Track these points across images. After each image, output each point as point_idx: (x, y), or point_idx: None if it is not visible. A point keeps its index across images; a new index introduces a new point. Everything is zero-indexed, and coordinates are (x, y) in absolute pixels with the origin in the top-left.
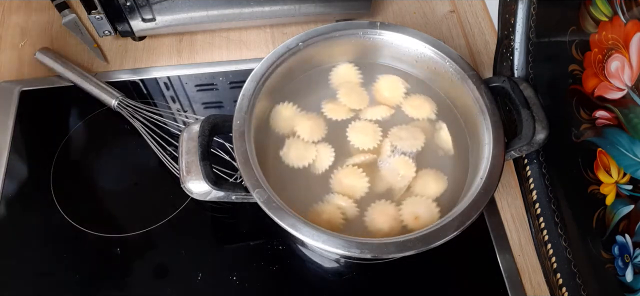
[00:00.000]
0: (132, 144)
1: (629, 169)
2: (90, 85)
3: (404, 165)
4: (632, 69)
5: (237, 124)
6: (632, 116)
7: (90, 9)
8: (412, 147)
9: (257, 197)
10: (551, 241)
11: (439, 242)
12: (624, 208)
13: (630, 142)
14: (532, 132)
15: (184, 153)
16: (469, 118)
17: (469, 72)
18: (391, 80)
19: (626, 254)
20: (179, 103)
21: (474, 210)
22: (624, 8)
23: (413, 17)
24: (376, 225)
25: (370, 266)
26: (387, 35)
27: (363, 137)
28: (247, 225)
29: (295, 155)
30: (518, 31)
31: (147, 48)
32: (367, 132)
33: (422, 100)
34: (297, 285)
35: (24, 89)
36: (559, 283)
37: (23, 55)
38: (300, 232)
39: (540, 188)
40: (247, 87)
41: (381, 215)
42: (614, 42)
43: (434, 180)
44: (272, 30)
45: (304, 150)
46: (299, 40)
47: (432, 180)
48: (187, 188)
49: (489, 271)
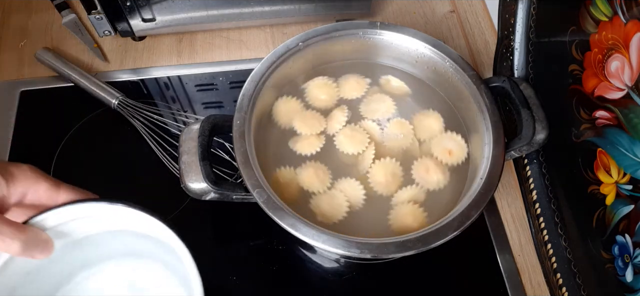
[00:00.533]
0: (132, 144)
1: (629, 169)
2: (90, 85)
3: (399, 126)
4: (632, 68)
5: (237, 124)
6: (632, 116)
7: (90, 9)
8: (387, 112)
9: (257, 197)
10: (551, 241)
11: (439, 242)
12: (624, 208)
13: (630, 142)
14: (532, 132)
15: (184, 153)
16: (469, 118)
17: (469, 72)
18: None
19: (626, 254)
20: (179, 103)
21: (474, 210)
22: (624, 8)
23: (413, 17)
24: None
25: (370, 266)
26: (387, 35)
27: (350, 142)
28: (247, 225)
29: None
30: (518, 31)
31: (147, 48)
32: (355, 137)
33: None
34: (297, 285)
35: (24, 89)
36: (559, 283)
37: (23, 55)
38: (300, 232)
39: (540, 188)
40: (247, 87)
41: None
42: (614, 42)
43: (435, 119)
44: (272, 30)
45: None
46: (299, 40)
47: (433, 120)
48: (187, 188)
49: (489, 271)
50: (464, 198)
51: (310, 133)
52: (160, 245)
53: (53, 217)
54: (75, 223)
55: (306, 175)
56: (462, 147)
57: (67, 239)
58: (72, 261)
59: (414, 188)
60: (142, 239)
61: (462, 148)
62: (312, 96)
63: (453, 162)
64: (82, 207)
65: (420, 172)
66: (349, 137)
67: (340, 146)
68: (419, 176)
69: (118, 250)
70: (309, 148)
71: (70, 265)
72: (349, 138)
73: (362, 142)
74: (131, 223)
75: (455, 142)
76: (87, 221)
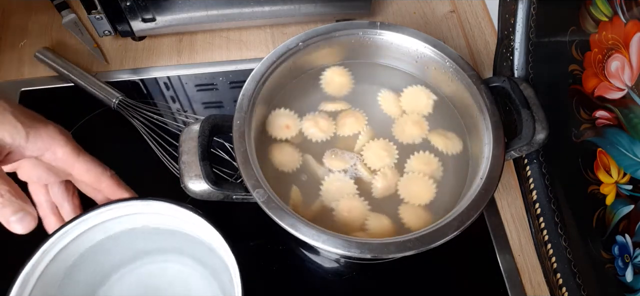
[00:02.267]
0: (132, 144)
1: (629, 169)
2: (90, 85)
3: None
4: (632, 68)
5: (237, 124)
6: (632, 116)
7: (90, 9)
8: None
9: (257, 197)
10: (551, 241)
11: (439, 242)
12: (624, 208)
13: (630, 142)
14: (532, 132)
15: (184, 153)
16: (469, 118)
17: (469, 72)
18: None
19: (626, 254)
20: (179, 103)
21: (474, 210)
22: (624, 8)
23: (413, 17)
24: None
25: (370, 266)
26: (387, 35)
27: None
28: (247, 225)
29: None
30: (518, 31)
31: (147, 48)
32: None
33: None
34: (297, 285)
35: (24, 89)
36: (559, 283)
37: (23, 55)
38: (300, 232)
39: (540, 188)
40: (247, 87)
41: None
42: (614, 42)
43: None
44: (272, 30)
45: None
46: (299, 40)
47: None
48: (187, 188)
49: (489, 271)
50: (464, 198)
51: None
52: (192, 240)
53: (96, 216)
54: (115, 221)
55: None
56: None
57: (100, 239)
58: (106, 261)
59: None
60: (176, 236)
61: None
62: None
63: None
64: (123, 205)
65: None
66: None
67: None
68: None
69: (151, 247)
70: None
71: (105, 266)
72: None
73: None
74: (168, 219)
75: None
76: (121, 220)
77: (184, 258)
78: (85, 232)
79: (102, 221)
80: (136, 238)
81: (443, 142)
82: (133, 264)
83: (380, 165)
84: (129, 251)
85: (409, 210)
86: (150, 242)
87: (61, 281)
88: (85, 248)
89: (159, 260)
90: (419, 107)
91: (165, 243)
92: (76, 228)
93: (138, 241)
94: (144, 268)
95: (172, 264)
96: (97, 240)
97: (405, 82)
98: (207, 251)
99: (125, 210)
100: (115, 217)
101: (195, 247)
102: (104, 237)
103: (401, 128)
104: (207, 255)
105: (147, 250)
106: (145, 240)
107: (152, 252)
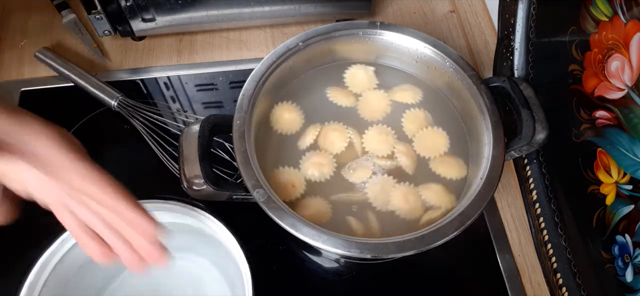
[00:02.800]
0: (132, 144)
1: (629, 169)
2: (90, 85)
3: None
4: (632, 69)
5: (237, 124)
6: (632, 116)
7: (90, 9)
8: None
9: (257, 197)
10: (551, 241)
11: (439, 242)
12: (624, 208)
13: (630, 142)
14: (532, 132)
15: (184, 153)
16: (469, 118)
17: (469, 72)
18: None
19: (626, 254)
20: (179, 103)
21: (474, 210)
22: (624, 8)
23: (413, 17)
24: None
25: (370, 266)
26: (387, 35)
27: (377, 144)
28: (247, 225)
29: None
30: (518, 31)
31: (147, 48)
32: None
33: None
34: (297, 285)
35: (24, 89)
36: (559, 283)
37: (23, 55)
38: (300, 232)
39: (540, 188)
40: (247, 87)
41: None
42: (614, 42)
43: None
44: (272, 30)
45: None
46: (299, 40)
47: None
48: (187, 188)
49: (489, 271)
50: (464, 198)
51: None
52: (204, 240)
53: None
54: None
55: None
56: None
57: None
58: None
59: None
60: (186, 233)
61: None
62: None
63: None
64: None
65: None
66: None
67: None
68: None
69: (166, 244)
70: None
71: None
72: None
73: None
74: (182, 219)
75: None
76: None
77: (194, 257)
78: None
79: None
80: None
81: (411, 96)
82: None
83: (389, 147)
84: None
85: (437, 162)
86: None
87: (77, 271)
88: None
89: (173, 257)
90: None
91: (178, 241)
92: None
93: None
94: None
95: (183, 262)
96: None
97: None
98: (218, 251)
99: (144, 207)
100: None
101: (206, 247)
102: None
103: (369, 107)
104: (218, 254)
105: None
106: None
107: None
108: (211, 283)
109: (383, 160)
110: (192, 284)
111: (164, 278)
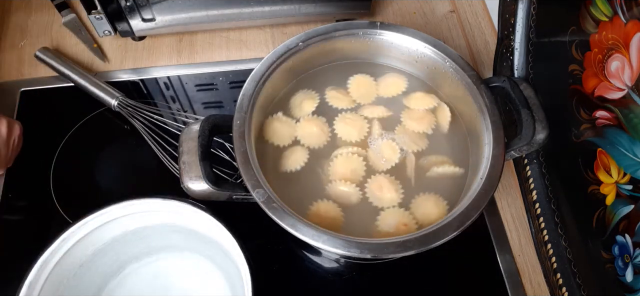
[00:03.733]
0: (132, 144)
1: (629, 169)
2: (90, 85)
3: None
4: (632, 68)
5: (237, 124)
6: (632, 116)
7: (90, 9)
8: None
9: (257, 197)
10: (551, 241)
11: (439, 242)
12: (624, 208)
13: (630, 142)
14: (532, 132)
15: (184, 153)
16: (469, 118)
17: (469, 72)
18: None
19: (626, 254)
20: (179, 103)
21: (474, 210)
22: (624, 8)
23: (413, 17)
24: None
25: (370, 266)
26: (387, 35)
27: (350, 129)
28: (247, 225)
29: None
30: (518, 31)
31: (147, 48)
32: (355, 124)
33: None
34: (297, 285)
35: (24, 89)
36: (559, 283)
37: (23, 55)
38: (300, 232)
39: (540, 188)
40: (247, 87)
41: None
42: (614, 42)
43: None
44: (272, 30)
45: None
46: (299, 40)
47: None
48: (187, 188)
49: (489, 271)
50: (464, 198)
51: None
52: (206, 240)
53: (116, 211)
54: (134, 217)
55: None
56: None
57: (118, 233)
58: (121, 255)
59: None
60: (187, 233)
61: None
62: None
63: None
64: (143, 202)
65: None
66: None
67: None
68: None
69: (165, 244)
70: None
71: (120, 258)
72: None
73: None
74: (184, 219)
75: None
76: (140, 216)
77: (196, 256)
78: (105, 224)
79: (122, 215)
80: (153, 234)
81: (395, 90)
82: (147, 259)
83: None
84: (144, 247)
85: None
86: (166, 239)
87: (77, 270)
88: (105, 240)
89: (172, 256)
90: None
91: (178, 241)
92: (97, 221)
93: (154, 237)
94: (157, 263)
95: (183, 261)
96: (116, 233)
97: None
98: (218, 251)
99: (145, 207)
100: (135, 212)
101: (206, 247)
102: (123, 231)
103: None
104: (218, 254)
105: (161, 246)
106: (161, 237)
107: (166, 248)
108: (211, 283)
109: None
110: (192, 284)
111: (164, 277)
